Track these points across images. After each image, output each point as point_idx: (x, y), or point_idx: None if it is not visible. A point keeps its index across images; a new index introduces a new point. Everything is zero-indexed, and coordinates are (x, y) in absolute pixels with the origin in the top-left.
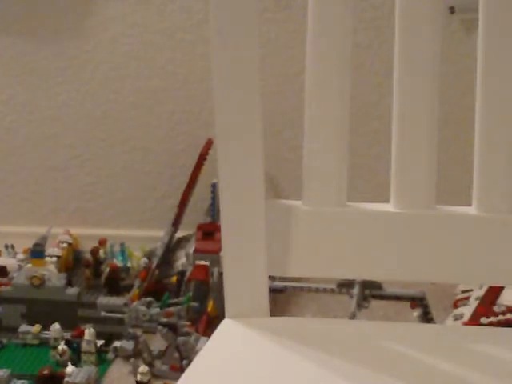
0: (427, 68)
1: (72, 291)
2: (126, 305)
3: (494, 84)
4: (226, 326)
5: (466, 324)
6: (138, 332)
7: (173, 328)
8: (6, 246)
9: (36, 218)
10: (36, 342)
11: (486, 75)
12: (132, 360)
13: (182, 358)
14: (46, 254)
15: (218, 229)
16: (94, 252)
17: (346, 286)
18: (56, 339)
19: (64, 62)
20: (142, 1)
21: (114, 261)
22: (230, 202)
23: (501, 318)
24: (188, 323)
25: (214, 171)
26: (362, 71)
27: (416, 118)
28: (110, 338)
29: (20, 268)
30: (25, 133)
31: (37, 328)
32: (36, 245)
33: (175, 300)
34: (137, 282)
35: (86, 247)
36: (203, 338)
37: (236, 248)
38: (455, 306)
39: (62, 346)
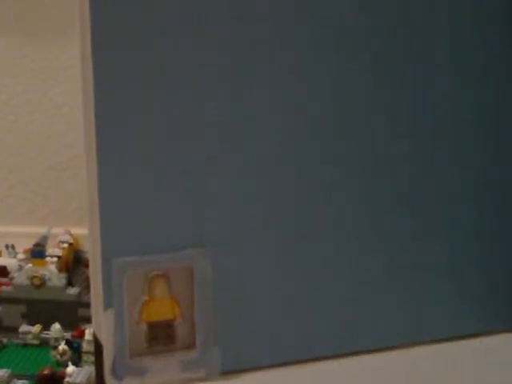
0: None
1: (72, 291)
2: None
3: None
4: None
5: None
6: None
7: None
8: (7, 246)
9: (36, 218)
10: (36, 342)
11: None
12: None
13: None
14: (47, 254)
15: None
16: None
17: None
18: (56, 339)
19: (64, 62)
20: None
21: None
22: None
23: None
24: None
25: None
26: None
27: None
28: None
29: (20, 268)
30: (25, 133)
31: (37, 328)
32: (36, 245)
33: None
34: None
35: (87, 247)
36: None
37: None
38: None
39: (62, 346)
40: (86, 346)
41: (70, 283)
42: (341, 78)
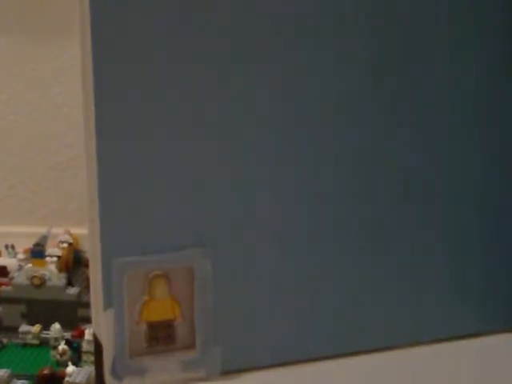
0: None
1: (72, 291)
2: None
3: None
4: None
5: None
6: None
7: None
8: (7, 246)
9: (36, 218)
10: (36, 341)
11: None
12: None
13: None
14: (47, 253)
15: None
16: None
17: None
18: (56, 339)
19: (64, 62)
20: None
21: None
22: None
23: None
24: None
25: None
26: None
27: None
28: None
29: (20, 268)
30: (25, 133)
31: (37, 328)
32: (36, 245)
33: None
34: None
35: (86, 247)
36: None
37: None
38: None
39: (62, 346)
40: (85, 346)
41: (69, 283)
42: (341, 78)
